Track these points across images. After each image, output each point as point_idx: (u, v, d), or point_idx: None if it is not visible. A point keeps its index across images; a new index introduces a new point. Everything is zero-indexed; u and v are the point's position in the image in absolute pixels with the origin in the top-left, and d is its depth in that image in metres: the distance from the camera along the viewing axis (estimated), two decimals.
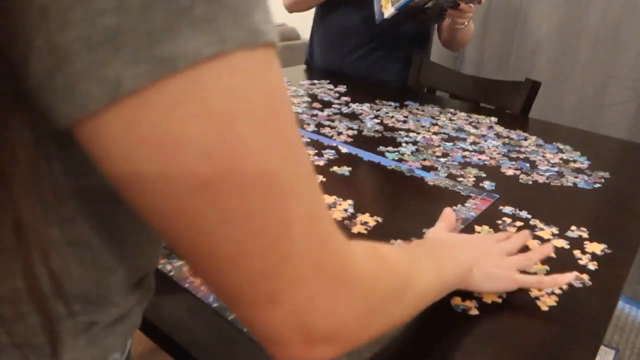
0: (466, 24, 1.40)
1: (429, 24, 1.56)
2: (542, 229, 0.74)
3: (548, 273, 0.62)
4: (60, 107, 0.23)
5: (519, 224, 0.75)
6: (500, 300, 0.57)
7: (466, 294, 0.57)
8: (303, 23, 2.57)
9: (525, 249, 0.62)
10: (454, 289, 0.52)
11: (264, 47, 0.25)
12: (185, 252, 0.28)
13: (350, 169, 0.91)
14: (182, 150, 0.24)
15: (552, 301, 0.58)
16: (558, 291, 0.59)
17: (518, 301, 0.58)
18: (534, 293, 0.59)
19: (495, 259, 0.57)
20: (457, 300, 0.57)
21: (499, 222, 0.75)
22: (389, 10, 1.27)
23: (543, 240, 0.71)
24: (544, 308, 0.57)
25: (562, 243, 0.70)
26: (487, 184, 0.88)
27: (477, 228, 0.74)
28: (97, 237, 0.33)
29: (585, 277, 0.63)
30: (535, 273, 0.62)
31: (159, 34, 0.22)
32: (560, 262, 0.66)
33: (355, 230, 0.71)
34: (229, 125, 0.25)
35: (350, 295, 0.31)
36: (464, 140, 1.10)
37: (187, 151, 0.24)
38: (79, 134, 0.24)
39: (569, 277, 0.57)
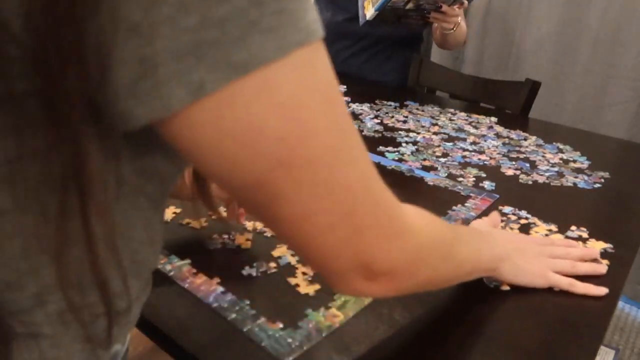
0: (454, 29, 1.38)
1: (415, 28, 1.56)
2: (541, 229, 0.74)
3: None
4: (141, 109, 0.27)
5: (518, 224, 0.75)
6: None
7: None
8: None
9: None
10: (484, 274, 0.57)
11: (316, 42, 0.30)
12: (264, 216, 0.34)
13: None
14: (262, 138, 0.29)
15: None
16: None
17: (519, 300, 0.58)
18: None
19: (530, 256, 0.60)
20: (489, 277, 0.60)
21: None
22: (370, 12, 1.27)
23: None
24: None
25: None
26: (487, 184, 0.88)
27: None
28: (117, 232, 0.35)
29: (604, 261, 0.66)
30: None
31: (235, 43, 0.26)
32: None
33: None
34: (296, 113, 0.29)
35: (402, 242, 0.38)
36: (464, 140, 1.10)
37: (265, 138, 0.29)
38: (164, 131, 0.29)
39: (602, 290, 0.59)
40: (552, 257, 0.62)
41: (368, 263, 0.36)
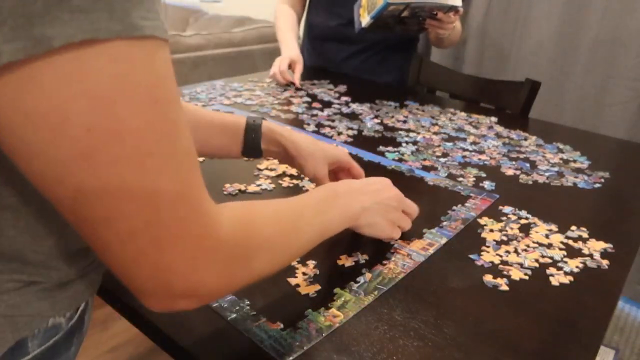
0: (449, 33, 1.36)
1: (411, 34, 1.56)
2: (542, 229, 0.74)
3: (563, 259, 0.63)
4: None
5: (518, 224, 0.75)
6: (527, 277, 0.62)
7: (497, 273, 0.62)
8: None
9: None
10: (340, 230, 0.57)
11: (143, 39, 0.29)
12: (66, 213, 0.32)
13: None
14: (66, 124, 0.28)
15: (565, 279, 0.62)
16: (568, 276, 0.60)
17: (518, 300, 0.58)
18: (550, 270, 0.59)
19: (386, 209, 0.64)
20: (488, 277, 0.62)
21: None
22: (365, 19, 1.27)
23: (541, 240, 0.71)
24: (555, 283, 0.61)
25: (561, 243, 0.71)
26: (487, 184, 0.88)
27: (480, 221, 0.74)
28: (27, 205, 0.37)
29: (604, 261, 0.67)
30: (553, 258, 0.62)
31: (38, 17, 0.25)
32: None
33: None
34: (110, 106, 0.29)
35: (210, 258, 0.36)
36: (464, 140, 1.10)
37: (70, 125, 0.28)
38: None
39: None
40: (398, 214, 0.66)
41: (168, 281, 0.35)
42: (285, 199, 0.50)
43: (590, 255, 0.68)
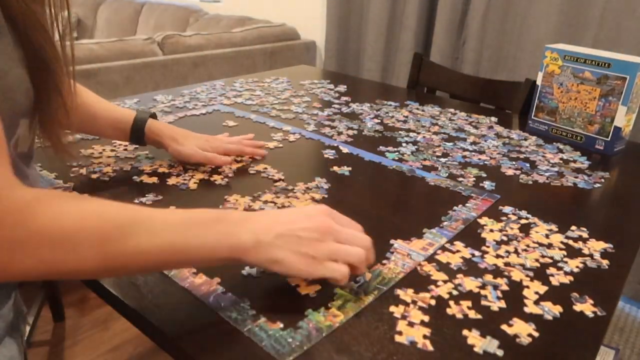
0: None
1: None
2: (542, 229, 0.74)
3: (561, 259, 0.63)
4: None
5: (518, 224, 0.75)
6: (527, 278, 0.58)
7: (497, 273, 0.58)
8: (303, 23, 2.57)
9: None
10: (217, 261, 0.50)
11: None
12: None
13: (350, 169, 0.91)
14: None
15: (565, 279, 0.62)
16: (572, 272, 0.60)
17: (518, 300, 0.58)
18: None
19: (298, 242, 0.51)
20: (488, 277, 0.59)
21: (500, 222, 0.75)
22: None
23: (541, 240, 0.71)
24: (555, 283, 0.61)
25: (561, 243, 0.71)
26: (487, 184, 0.88)
27: (480, 221, 0.74)
28: None
29: (604, 261, 0.67)
30: (553, 258, 0.62)
31: None
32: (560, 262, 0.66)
33: None
34: None
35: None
36: (464, 140, 1.10)
37: None
38: None
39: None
40: (324, 247, 0.52)
41: None
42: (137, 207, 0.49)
43: (590, 255, 0.68)
